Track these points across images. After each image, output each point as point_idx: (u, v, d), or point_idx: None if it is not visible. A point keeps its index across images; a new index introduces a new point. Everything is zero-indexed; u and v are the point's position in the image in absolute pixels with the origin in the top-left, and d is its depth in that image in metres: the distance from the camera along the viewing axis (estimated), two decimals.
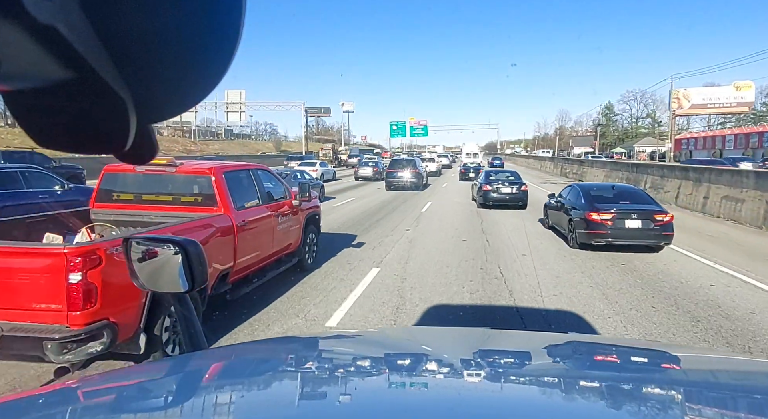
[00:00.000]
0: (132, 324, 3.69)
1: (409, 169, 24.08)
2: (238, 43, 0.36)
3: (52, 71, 0.31)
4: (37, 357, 3.29)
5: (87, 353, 3.37)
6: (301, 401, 1.01)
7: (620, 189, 10.48)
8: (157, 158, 5.42)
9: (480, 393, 1.07)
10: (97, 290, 3.38)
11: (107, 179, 5.59)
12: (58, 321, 3.31)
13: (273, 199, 6.49)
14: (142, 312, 3.77)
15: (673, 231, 9.04)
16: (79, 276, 3.28)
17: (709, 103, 55.18)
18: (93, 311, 3.38)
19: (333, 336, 1.91)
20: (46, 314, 3.30)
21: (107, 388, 1.15)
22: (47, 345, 3.23)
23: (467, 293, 6.45)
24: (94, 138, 0.37)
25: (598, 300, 6.22)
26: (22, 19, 0.27)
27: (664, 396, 1.07)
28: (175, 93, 0.37)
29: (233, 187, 5.54)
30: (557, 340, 1.76)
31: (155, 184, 5.50)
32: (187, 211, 5.27)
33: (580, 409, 0.98)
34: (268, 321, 5.38)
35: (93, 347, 3.39)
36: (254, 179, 6.19)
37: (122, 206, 5.52)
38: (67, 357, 3.27)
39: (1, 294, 3.27)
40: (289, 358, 1.42)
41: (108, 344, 3.46)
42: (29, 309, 3.30)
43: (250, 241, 5.62)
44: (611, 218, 8.96)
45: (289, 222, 6.89)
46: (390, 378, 1.19)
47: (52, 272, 3.28)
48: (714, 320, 5.57)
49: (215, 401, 1.03)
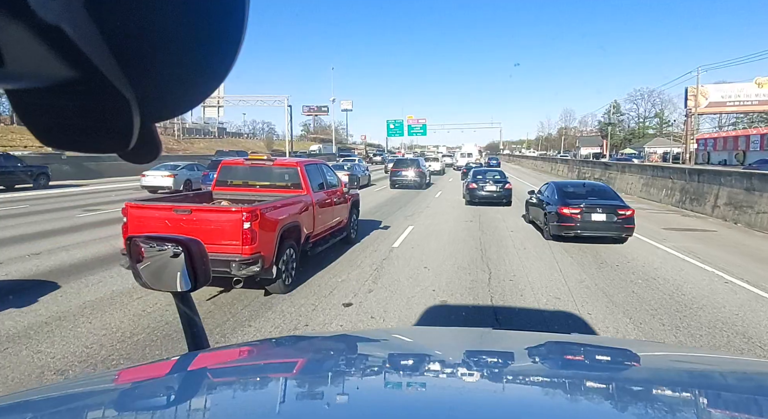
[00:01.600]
0: (270, 258, 5.97)
1: (413, 168, 25.31)
2: (242, 42, 0.36)
3: (57, 71, 0.31)
4: (225, 271, 5.56)
5: (251, 271, 5.65)
6: (302, 401, 1.03)
7: (590, 186, 11.72)
8: (257, 155, 7.85)
9: (481, 393, 1.09)
10: (256, 234, 5.67)
11: (224, 170, 7.92)
12: (237, 252, 5.60)
13: (332, 186, 8.76)
14: (275, 252, 6.05)
15: (633, 224, 10.16)
16: (248, 225, 5.57)
17: (729, 101, 51.64)
18: (254, 247, 5.66)
19: (334, 336, 1.96)
20: (230, 247, 5.59)
21: (108, 387, 1.17)
22: (232, 264, 5.52)
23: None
24: (98, 137, 0.37)
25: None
26: (27, 19, 0.28)
27: (665, 397, 1.07)
28: (179, 92, 0.38)
29: (310, 176, 7.83)
30: (559, 340, 1.79)
31: (257, 173, 7.81)
32: (281, 192, 7.55)
33: (581, 409, 0.99)
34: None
35: (253, 268, 5.67)
36: (320, 170, 8.48)
37: (234, 189, 7.83)
38: (242, 272, 5.56)
39: (206, 237, 5.55)
40: (291, 358, 1.46)
41: (260, 268, 5.74)
42: (221, 245, 5.58)
43: (321, 214, 7.89)
44: (579, 212, 10.01)
45: (342, 204, 9.16)
46: (391, 378, 1.21)
47: (234, 223, 5.57)
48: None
49: (216, 400, 1.04)
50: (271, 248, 6.00)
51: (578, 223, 10.01)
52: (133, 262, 1.40)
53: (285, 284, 6.35)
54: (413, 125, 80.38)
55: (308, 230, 7.33)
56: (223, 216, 5.64)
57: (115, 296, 6.14)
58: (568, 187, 11.56)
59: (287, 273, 6.43)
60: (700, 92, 50.01)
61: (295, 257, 6.72)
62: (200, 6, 0.34)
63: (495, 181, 17.45)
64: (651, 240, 10.94)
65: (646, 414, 0.94)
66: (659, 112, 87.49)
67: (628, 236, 10.34)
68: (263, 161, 7.73)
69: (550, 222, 10.58)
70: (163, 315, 5.43)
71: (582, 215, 10.02)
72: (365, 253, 9.06)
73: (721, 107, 52.97)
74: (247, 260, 5.59)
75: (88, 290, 6.35)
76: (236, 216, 5.57)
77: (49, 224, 11.57)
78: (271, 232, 5.94)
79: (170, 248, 1.34)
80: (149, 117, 0.38)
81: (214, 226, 5.60)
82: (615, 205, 10.29)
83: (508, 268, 8.06)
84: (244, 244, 5.57)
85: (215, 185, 7.93)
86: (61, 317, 5.37)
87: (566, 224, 10.13)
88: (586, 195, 10.77)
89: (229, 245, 5.58)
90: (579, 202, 10.24)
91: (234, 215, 5.60)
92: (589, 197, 10.63)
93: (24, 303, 5.72)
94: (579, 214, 10.02)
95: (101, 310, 5.63)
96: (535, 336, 2.05)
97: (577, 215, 10.03)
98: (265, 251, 5.82)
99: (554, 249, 9.73)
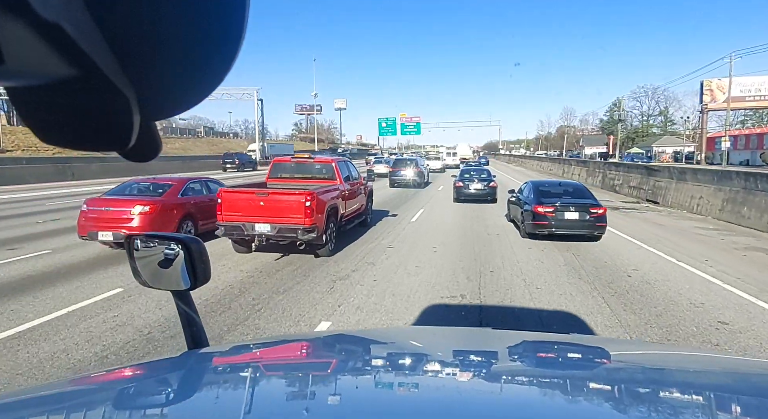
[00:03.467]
0: (321, 229, 8.38)
1: (412, 167, 26.23)
2: (242, 41, 0.37)
3: (57, 69, 0.31)
4: (293, 236, 7.94)
5: (310, 236, 8.05)
6: (299, 399, 1.04)
7: (565, 185, 11.99)
8: (301, 155, 10.38)
9: (479, 393, 1.10)
10: (313, 211, 8.06)
11: (275, 166, 10.33)
12: (301, 223, 8.02)
13: (355, 178, 11.16)
14: (325, 224, 8.44)
15: (605, 222, 10.38)
16: (309, 203, 7.97)
17: (749, 95, 47.42)
18: (312, 220, 8.07)
19: (333, 336, 1.92)
20: (296, 219, 8.00)
21: (108, 385, 1.18)
22: (298, 231, 7.94)
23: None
24: (97, 135, 0.38)
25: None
26: (27, 17, 0.28)
27: (663, 397, 1.08)
28: (179, 91, 0.38)
29: (341, 170, 10.22)
30: (557, 340, 1.83)
31: (301, 168, 10.22)
32: (319, 183, 9.93)
33: (578, 409, 1.00)
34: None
35: (311, 235, 8.08)
36: (347, 166, 10.88)
37: (283, 180, 10.25)
38: (305, 237, 7.97)
39: (279, 212, 7.94)
40: (289, 357, 1.50)
41: (315, 235, 8.14)
42: (290, 218, 7.99)
43: (349, 200, 10.29)
44: (553, 210, 10.21)
45: (361, 193, 11.57)
46: (389, 377, 1.23)
47: (299, 202, 7.96)
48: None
49: (215, 399, 1.06)
50: (322, 221, 8.39)
51: (552, 221, 10.24)
52: (132, 260, 1.40)
53: (329, 249, 8.73)
54: (406, 124, 77.65)
55: (342, 210, 9.72)
56: (291, 197, 8.04)
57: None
58: (544, 186, 11.85)
59: (331, 241, 8.82)
60: (717, 86, 46.39)
61: (335, 230, 9.12)
62: (201, 4, 0.35)
63: (480, 179, 18.63)
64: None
65: (643, 414, 0.95)
66: (663, 110, 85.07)
67: (600, 235, 10.52)
68: (305, 158, 10.13)
69: (525, 220, 10.86)
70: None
71: (556, 213, 10.23)
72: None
73: (740, 101, 48.19)
74: (308, 229, 7.99)
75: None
76: (300, 198, 7.96)
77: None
78: (321, 210, 8.34)
79: (170, 247, 1.35)
80: (149, 116, 0.38)
81: (285, 205, 7.99)
82: (588, 203, 10.50)
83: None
84: (305, 217, 7.97)
85: (268, 177, 10.33)
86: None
87: (540, 223, 10.34)
88: (561, 194, 11.02)
89: (296, 218, 7.97)
90: (554, 201, 10.48)
91: (298, 196, 7.99)
92: (564, 197, 10.87)
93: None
94: (553, 212, 10.24)
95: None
96: (534, 336, 2.08)
97: (552, 213, 10.24)
98: (318, 223, 8.22)
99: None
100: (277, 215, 7.99)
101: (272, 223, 7.99)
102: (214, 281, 6.77)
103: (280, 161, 10.54)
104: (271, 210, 7.98)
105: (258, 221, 8.01)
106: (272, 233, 8.03)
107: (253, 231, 8.04)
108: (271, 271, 7.76)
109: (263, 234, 8.05)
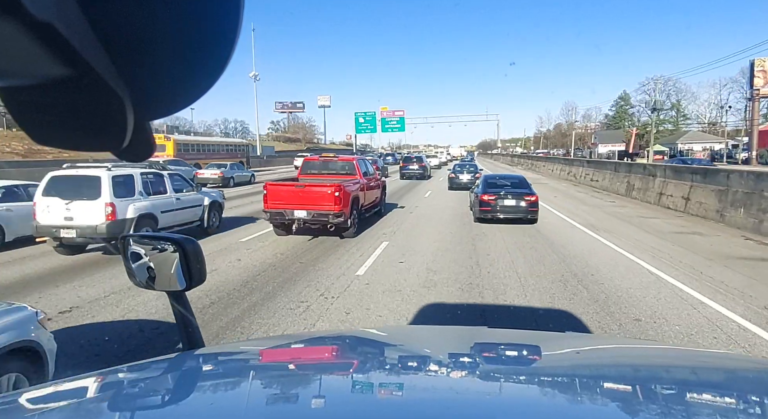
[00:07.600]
0: (348, 215, 10.41)
1: (418, 163, 34.34)
2: (236, 41, 0.37)
3: (50, 69, 0.31)
4: (325, 220, 9.91)
5: (338, 220, 10.06)
6: (295, 399, 1.05)
7: (510, 178, 14.39)
8: (327, 154, 12.55)
9: (477, 392, 1.11)
10: (341, 200, 10.06)
11: (305, 164, 12.36)
12: (332, 210, 10.06)
13: (371, 173, 13.13)
14: (350, 211, 10.39)
15: (537, 208, 12.70)
16: (337, 194, 9.99)
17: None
18: (340, 207, 10.11)
19: (331, 336, 1.95)
20: (327, 206, 10.06)
21: (103, 386, 1.18)
22: (329, 216, 9.94)
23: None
24: (91, 136, 0.38)
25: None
26: (19, 16, 0.28)
27: (661, 395, 1.10)
28: (173, 91, 0.39)
29: (361, 167, 12.18)
30: (554, 339, 1.86)
31: (327, 165, 12.26)
32: (343, 178, 11.90)
33: (574, 407, 1.02)
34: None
35: (340, 219, 10.12)
36: (366, 163, 12.86)
37: (311, 175, 12.31)
38: (334, 221, 9.97)
39: (314, 201, 9.95)
40: (287, 357, 1.51)
41: (343, 220, 10.13)
42: (322, 205, 10.05)
43: (367, 192, 12.27)
44: (495, 198, 12.49)
45: (376, 187, 13.51)
46: (388, 377, 1.24)
47: (330, 193, 9.95)
48: None
49: (210, 399, 1.07)
50: (348, 208, 10.39)
51: (494, 207, 12.49)
52: (127, 261, 1.40)
53: (353, 232, 10.70)
54: (388, 119, 67.26)
55: (362, 201, 11.69)
56: (323, 189, 10.05)
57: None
58: (494, 178, 14.37)
59: (354, 226, 10.79)
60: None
61: (357, 217, 11.08)
62: (195, 4, 0.35)
63: (469, 171, 23.77)
64: None
65: (641, 412, 0.96)
66: (676, 103, 79.46)
67: (534, 218, 12.72)
68: (331, 157, 12.16)
69: (474, 207, 13.41)
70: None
71: (497, 200, 12.55)
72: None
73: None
74: (337, 214, 9.98)
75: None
76: (331, 189, 9.96)
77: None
78: (347, 199, 10.30)
79: (164, 248, 1.36)
80: (143, 115, 0.38)
81: (318, 195, 10.00)
82: (523, 192, 12.89)
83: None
84: (335, 204, 9.96)
85: (300, 173, 12.35)
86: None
87: (485, 209, 12.62)
88: (504, 186, 13.34)
89: (328, 206, 9.96)
90: (498, 190, 12.76)
91: (329, 188, 9.99)
92: (505, 188, 13.14)
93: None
94: (495, 200, 12.55)
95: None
96: (531, 334, 2.13)
97: (494, 200, 12.55)
98: (346, 210, 10.18)
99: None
100: (312, 203, 9.97)
101: (308, 209, 10.01)
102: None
103: (309, 159, 12.61)
104: (307, 199, 9.98)
105: (297, 208, 10.04)
106: (308, 218, 10.05)
107: (292, 216, 10.03)
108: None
109: (301, 219, 10.04)
